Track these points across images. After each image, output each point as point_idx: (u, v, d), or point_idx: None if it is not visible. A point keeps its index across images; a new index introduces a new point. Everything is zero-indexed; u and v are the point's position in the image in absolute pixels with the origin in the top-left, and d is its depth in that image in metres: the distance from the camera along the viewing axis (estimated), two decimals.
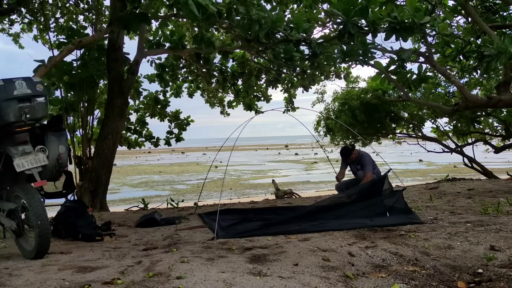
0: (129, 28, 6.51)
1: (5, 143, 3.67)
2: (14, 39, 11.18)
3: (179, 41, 7.92)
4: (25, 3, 8.67)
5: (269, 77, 9.87)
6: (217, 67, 10.01)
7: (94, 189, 7.79)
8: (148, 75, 10.51)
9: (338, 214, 4.99)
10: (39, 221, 3.48)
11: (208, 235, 4.57)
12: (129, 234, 4.93)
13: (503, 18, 8.48)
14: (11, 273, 3.07)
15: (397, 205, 5.21)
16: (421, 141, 14.54)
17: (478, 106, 8.38)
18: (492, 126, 13.20)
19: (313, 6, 8.25)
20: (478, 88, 12.25)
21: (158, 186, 21.76)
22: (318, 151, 45.77)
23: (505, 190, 7.76)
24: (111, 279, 2.85)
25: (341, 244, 3.89)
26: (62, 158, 3.90)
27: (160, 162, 41.42)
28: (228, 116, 12.75)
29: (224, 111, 12.51)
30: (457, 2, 7.52)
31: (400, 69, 7.32)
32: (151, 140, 11.54)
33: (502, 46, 5.86)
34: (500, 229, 4.26)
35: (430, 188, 8.90)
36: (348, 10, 5.45)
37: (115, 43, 8.01)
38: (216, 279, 2.82)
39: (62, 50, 6.62)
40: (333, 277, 3.03)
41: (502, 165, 22.12)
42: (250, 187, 19.77)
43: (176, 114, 11.74)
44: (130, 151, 19.71)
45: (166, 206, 8.32)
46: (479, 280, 3.05)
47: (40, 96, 3.71)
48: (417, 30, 5.59)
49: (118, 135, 8.25)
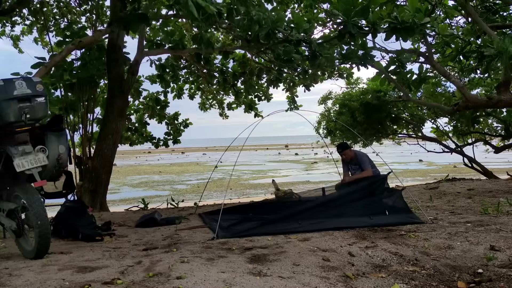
0: (129, 28, 6.51)
1: (5, 143, 3.67)
2: (14, 43, 11.18)
3: (179, 41, 7.93)
4: (25, 3, 8.67)
5: (270, 76, 9.87)
6: (217, 67, 10.02)
7: (94, 189, 7.79)
8: (150, 76, 10.53)
9: (337, 212, 5.00)
10: (39, 221, 3.48)
11: (208, 235, 4.58)
12: (129, 234, 4.93)
13: (503, 18, 8.47)
14: (11, 273, 3.07)
15: (396, 205, 5.22)
16: (421, 141, 14.55)
17: (478, 106, 8.38)
18: (489, 125, 13.20)
19: (313, 6, 8.25)
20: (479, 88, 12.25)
21: (158, 186, 21.75)
22: (318, 151, 45.76)
23: (505, 190, 7.76)
24: (111, 279, 2.85)
25: (341, 244, 3.89)
26: (62, 158, 3.90)
27: (160, 162, 41.39)
28: (227, 118, 12.74)
29: (224, 114, 12.50)
30: (457, 2, 7.52)
31: (400, 69, 7.33)
32: (152, 140, 11.56)
33: (502, 46, 5.85)
34: (500, 229, 4.26)
35: (430, 188, 8.90)
36: (348, 10, 5.44)
37: (115, 43, 8.01)
38: (216, 279, 2.82)
39: (62, 50, 6.62)
40: (333, 277, 3.03)
41: (502, 165, 22.11)
42: (250, 187, 19.76)
43: (175, 116, 11.74)
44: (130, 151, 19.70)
45: (166, 206, 8.31)
46: (479, 280, 3.05)
47: (40, 96, 3.71)
48: (417, 31, 5.59)
49: (118, 135, 8.25)
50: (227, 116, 12.61)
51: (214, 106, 12.44)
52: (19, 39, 11.15)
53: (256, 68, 9.77)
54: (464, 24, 8.80)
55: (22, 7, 9.17)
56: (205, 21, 5.13)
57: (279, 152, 57.63)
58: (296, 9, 9.26)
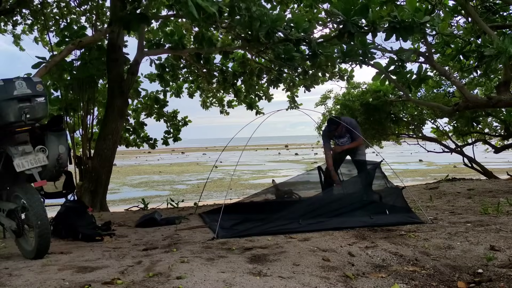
0: (129, 28, 6.51)
1: (5, 143, 3.67)
2: (15, 41, 11.18)
3: (179, 41, 7.92)
4: (25, 3, 8.67)
5: (270, 76, 9.87)
6: (217, 67, 10.01)
7: (94, 189, 7.79)
8: (148, 75, 10.51)
9: (337, 211, 5.00)
10: (39, 221, 3.48)
11: (208, 235, 4.57)
12: (129, 234, 4.93)
13: (503, 18, 8.47)
14: (11, 273, 3.07)
15: (397, 204, 5.21)
16: (421, 141, 14.54)
17: (478, 106, 8.38)
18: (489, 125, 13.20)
19: (313, 6, 8.25)
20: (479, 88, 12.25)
21: (158, 186, 21.75)
22: (318, 151, 45.75)
23: (505, 190, 7.76)
24: (111, 279, 2.85)
25: (341, 244, 3.89)
26: (62, 158, 3.90)
27: (160, 162, 41.39)
28: (228, 115, 12.73)
29: (224, 110, 12.51)
30: (457, 2, 7.52)
31: (400, 69, 7.32)
32: (148, 141, 11.52)
33: (502, 46, 5.85)
34: (500, 229, 4.26)
35: (430, 188, 8.90)
36: (348, 10, 5.45)
37: (115, 43, 8.01)
38: (216, 279, 2.82)
39: (62, 50, 6.62)
40: (333, 277, 3.03)
41: (502, 165, 22.10)
42: (250, 187, 19.75)
43: (174, 114, 11.73)
44: (130, 151, 19.68)
45: (166, 206, 8.31)
46: (479, 280, 3.05)
47: (40, 96, 3.71)
48: (417, 30, 5.58)
49: (118, 135, 8.25)
50: (227, 113, 12.61)
51: (215, 104, 12.46)
52: (19, 38, 11.15)
53: (256, 68, 9.77)
54: (464, 24, 8.80)
55: (22, 7, 9.17)
56: (205, 21, 5.13)
57: (279, 152, 57.61)
58: (295, 9, 9.26)
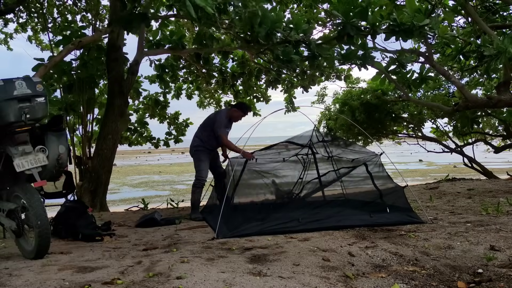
0: (129, 28, 6.50)
1: (5, 143, 3.67)
2: (4, 39, 11.23)
3: (179, 41, 7.92)
4: (25, 2, 8.67)
5: (269, 77, 9.87)
6: (217, 67, 10.01)
7: (94, 189, 7.78)
8: (149, 76, 10.52)
9: (338, 210, 5.01)
10: (39, 221, 3.47)
11: (208, 235, 4.58)
12: (129, 234, 4.93)
13: (503, 18, 8.48)
14: (11, 273, 3.07)
15: (397, 203, 5.21)
16: (421, 141, 14.54)
17: (478, 106, 8.38)
18: (491, 125, 13.20)
19: (313, 6, 8.25)
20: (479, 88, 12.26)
21: (158, 186, 21.73)
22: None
23: (505, 190, 7.76)
24: (111, 279, 2.85)
25: (341, 244, 3.89)
26: (62, 158, 3.90)
27: (160, 162, 41.36)
28: None
29: None
30: (457, 2, 7.52)
31: (400, 69, 7.32)
32: (151, 141, 11.56)
33: (502, 46, 5.86)
34: (500, 229, 4.26)
35: (430, 188, 8.91)
36: (348, 12, 5.45)
37: (115, 43, 8.00)
38: (216, 279, 2.82)
39: (62, 50, 6.62)
40: (333, 277, 3.03)
41: (502, 165, 22.10)
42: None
43: (176, 116, 11.74)
44: (130, 151, 19.65)
45: (166, 206, 8.31)
46: (479, 280, 3.05)
47: (40, 96, 3.71)
48: (416, 33, 5.58)
49: (118, 135, 8.24)
50: None
51: (212, 104, 12.47)
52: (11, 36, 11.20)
53: (255, 69, 9.78)
54: (464, 24, 8.81)
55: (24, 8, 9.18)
56: (204, 20, 5.12)
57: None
58: (295, 10, 9.26)
